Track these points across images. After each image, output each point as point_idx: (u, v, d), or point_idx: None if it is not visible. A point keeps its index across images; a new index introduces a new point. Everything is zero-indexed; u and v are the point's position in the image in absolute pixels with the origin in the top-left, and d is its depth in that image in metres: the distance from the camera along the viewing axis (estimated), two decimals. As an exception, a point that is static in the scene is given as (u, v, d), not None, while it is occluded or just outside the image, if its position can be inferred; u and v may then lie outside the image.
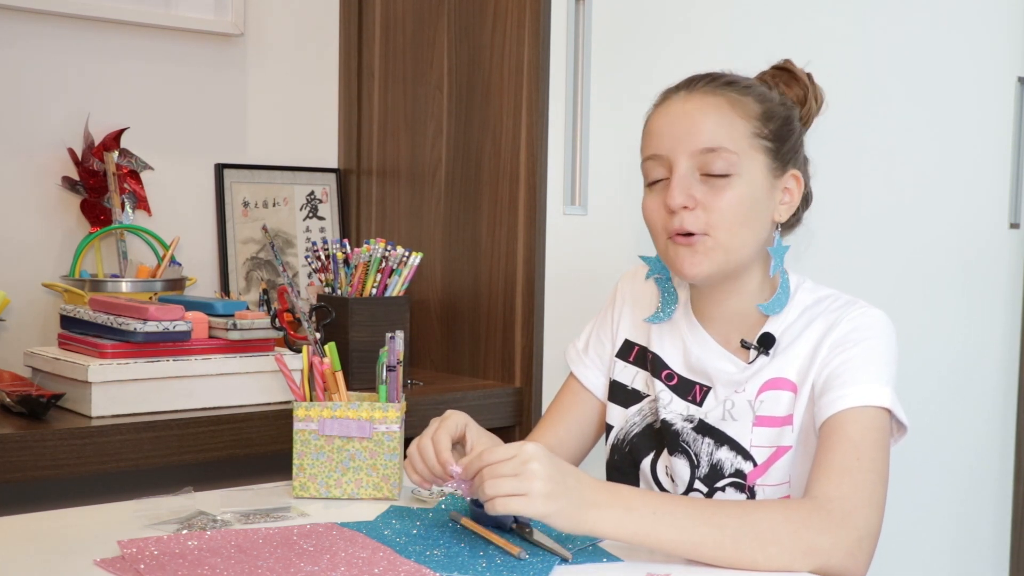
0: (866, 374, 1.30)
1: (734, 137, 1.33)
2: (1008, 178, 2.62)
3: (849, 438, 1.26)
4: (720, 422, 1.39)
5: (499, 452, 1.16)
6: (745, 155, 1.33)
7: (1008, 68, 2.59)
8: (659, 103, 1.40)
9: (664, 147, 1.35)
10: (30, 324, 1.91)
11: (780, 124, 1.37)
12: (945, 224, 2.50)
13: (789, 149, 1.38)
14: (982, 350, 2.61)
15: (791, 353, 1.37)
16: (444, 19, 2.05)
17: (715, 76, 1.39)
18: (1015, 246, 2.66)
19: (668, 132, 1.35)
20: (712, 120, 1.34)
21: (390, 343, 1.44)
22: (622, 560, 1.20)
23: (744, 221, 1.34)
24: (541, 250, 1.89)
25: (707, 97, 1.35)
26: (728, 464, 1.37)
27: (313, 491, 1.42)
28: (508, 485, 1.14)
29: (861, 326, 1.34)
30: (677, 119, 1.35)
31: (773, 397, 1.36)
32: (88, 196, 1.94)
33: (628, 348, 1.51)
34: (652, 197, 1.38)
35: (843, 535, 1.19)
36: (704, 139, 1.33)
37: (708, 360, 1.42)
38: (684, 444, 1.40)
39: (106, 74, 2.00)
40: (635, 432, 1.47)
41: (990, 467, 2.66)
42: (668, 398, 1.43)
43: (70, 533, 1.25)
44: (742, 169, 1.33)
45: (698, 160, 1.33)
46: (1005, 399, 2.68)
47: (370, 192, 2.25)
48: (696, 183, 1.33)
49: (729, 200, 1.32)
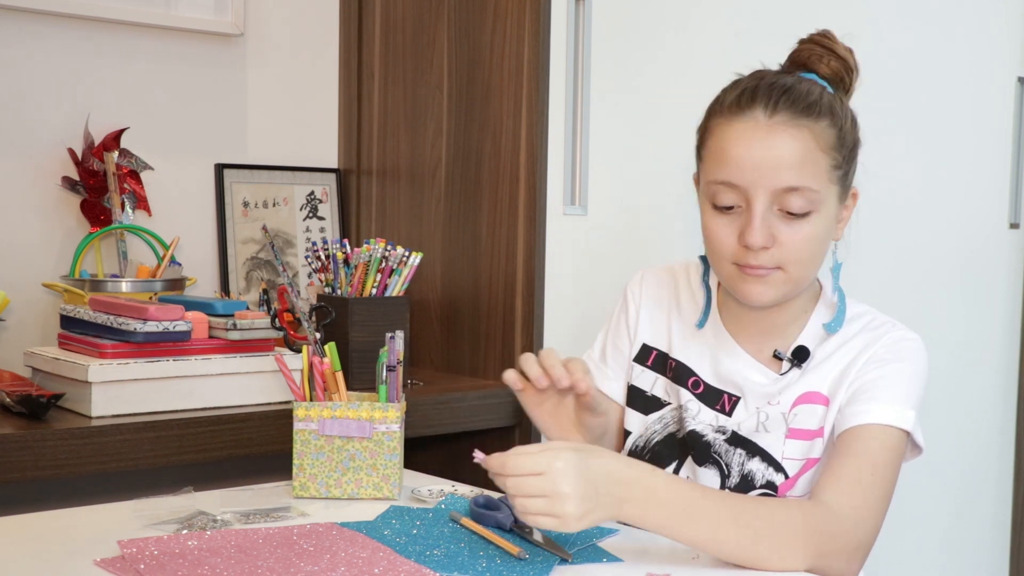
0: (894, 394, 1.31)
1: (817, 175, 1.29)
2: (1008, 178, 2.62)
3: (868, 452, 1.27)
4: (753, 433, 1.38)
5: (526, 463, 1.12)
6: (824, 190, 1.30)
7: (1008, 68, 2.60)
8: (733, 114, 1.32)
9: (743, 179, 1.29)
10: (30, 324, 1.91)
11: (851, 146, 1.34)
12: (945, 224, 2.50)
13: (854, 168, 1.35)
14: (982, 350, 2.61)
15: (825, 367, 1.36)
16: (444, 19, 2.05)
17: (793, 96, 1.31)
18: (1015, 246, 2.66)
19: (749, 164, 1.29)
20: (797, 159, 1.28)
21: (390, 343, 1.44)
22: (622, 560, 1.20)
23: (816, 254, 1.32)
24: (541, 250, 1.89)
25: (790, 130, 1.28)
26: (759, 475, 1.36)
27: (313, 491, 1.42)
28: (539, 504, 1.11)
29: (899, 348, 1.35)
30: (759, 151, 1.28)
31: (807, 411, 1.36)
32: (88, 196, 1.94)
33: (646, 353, 1.49)
34: (721, 223, 1.32)
35: (847, 543, 1.21)
36: (788, 179, 1.28)
37: (739, 370, 1.40)
38: (715, 455, 1.39)
39: (106, 74, 2.00)
40: (656, 440, 1.45)
41: (990, 467, 2.66)
42: (696, 408, 1.41)
43: (70, 533, 1.25)
44: (820, 205, 1.30)
45: (778, 198, 1.29)
46: (1005, 399, 2.68)
47: (370, 192, 2.25)
48: (775, 220, 1.29)
49: (806, 236, 1.30)
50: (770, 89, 1.32)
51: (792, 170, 1.28)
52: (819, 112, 1.31)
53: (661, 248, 2.04)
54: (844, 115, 1.34)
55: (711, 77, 2.10)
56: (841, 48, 1.40)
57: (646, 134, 2.02)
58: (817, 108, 1.31)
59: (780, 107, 1.30)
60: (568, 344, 1.93)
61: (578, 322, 1.95)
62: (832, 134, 1.31)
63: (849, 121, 1.35)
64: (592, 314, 1.96)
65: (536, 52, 1.86)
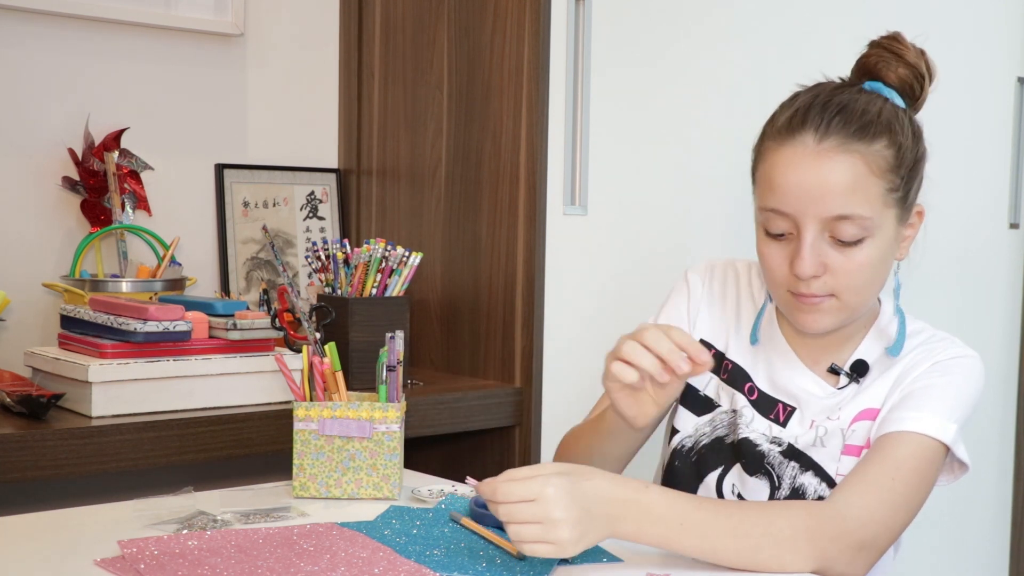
0: (937, 405, 1.28)
1: (869, 201, 1.25)
2: (1008, 178, 2.62)
3: (893, 458, 1.25)
4: (810, 448, 1.35)
5: (517, 491, 1.10)
6: (879, 215, 1.26)
7: (1008, 68, 2.60)
8: (783, 138, 1.28)
9: (791, 207, 1.26)
10: (30, 324, 1.91)
11: (911, 167, 1.29)
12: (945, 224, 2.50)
13: (915, 188, 1.31)
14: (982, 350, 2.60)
15: (882, 383, 1.34)
16: (444, 19, 2.05)
17: (847, 115, 1.27)
18: (1015, 246, 2.66)
19: (796, 192, 1.26)
20: (847, 186, 1.24)
21: (390, 343, 1.44)
22: (622, 560, 1.20)
23: (873, 280, 1.30)
24: (541, 250, 1.89)
25: (840, 156, 1.24)
26: (811, 490, 1.34)
27: (313, 491, 1.42)
28: (533, 532, 1.09)
29: (953, 362, 1.32)
30: (807, 178, 1.25)
31: (864, 427, 1.33)
32: (88, 196, 1.94)
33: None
34: (774, 249, 1.30)
35: (848, 541, 1.19)
36: (837, 206, 1.24)
37: (795, 379, 1.38)
38: (768, 466, 1.37)
39: (106, 74, 2.00)
40: (704, 443, 1.42)
41: (990, 467, 2.66)
42: (750, 415, 1.39)
43: (70, 533, 1.25)
44: (875, 231, 1.27)
45: (828, 225, 1.26)
46: (1005, 399, 2.68)
47: (370, 192, 2.25)
48: (826, 248, 1.27)
49: (860, 264, 1.27)
50: (823, 109, 1.28)
51: (842, 198, 1.24)
52: (874, 133, 1.26)
53: (661, 248, 2.04)
54: (904, 131, 1.29)
55: (711, 77, 2.11)
56: (911, 53, 1.35)
57: (646, 134, 2.02)
58: (872, 128, 1.27)
59: (831, 130, 1.26)
60: (568, 343, 1.94)
61: (578, 322, 1.95)
62: (889, 155, 1.27)
63: (910, 137, 1.30)
64: (592, 314, 1.97)
65: (536, 52, 1.86)
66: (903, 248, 1.34)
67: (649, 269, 2.02)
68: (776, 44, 2.17)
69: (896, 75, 1.34)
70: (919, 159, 1.32)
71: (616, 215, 1.99)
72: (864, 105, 1.29)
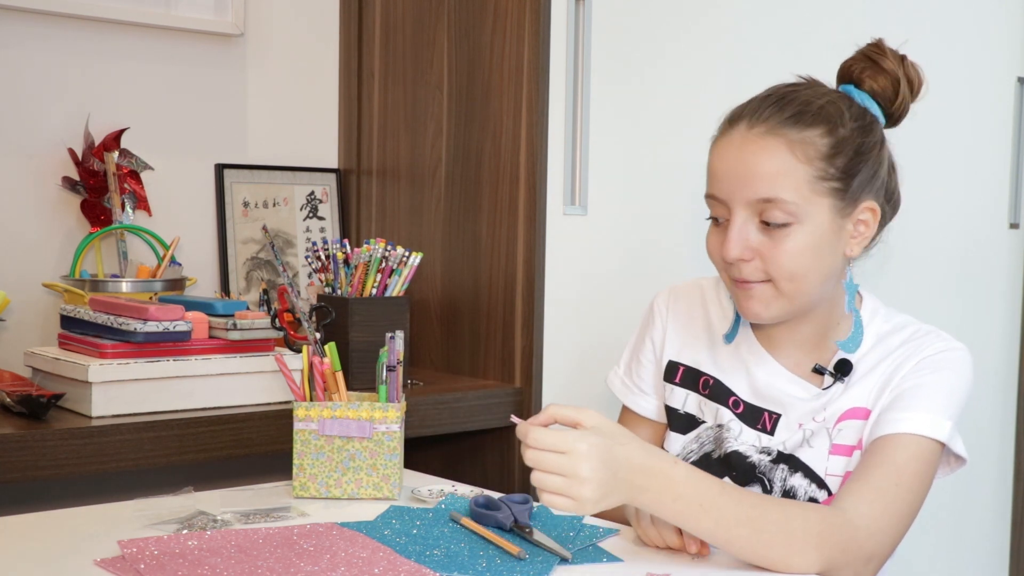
0: (930, 403, 1.29)
1: (794, 185, 1.27)
2: (1008, 178, 2.62)
3: (894, 462, 1.25)
4: (797, 449, 1.36)
5: (551, 439, 1.11)
6: (807, 201, 1.27)
7: (1008, 68, 2.60)
8: (723, 131, 1.34)
9: (723, 191, 1.30)
10: (30, 324, 1.91)
11: (851, 157, 1.30)
12: (945, 224, 2.50)
13: (860, 183, 1.31)
14: (982, 351, 2.61)
15: (869, 381, 1.35)
16: (444, 19, 2.05)
17: (782, 101, 1.30)
18: (1015, 246, 2.66)
19: (725, 176, 1.30)
20: (769, 168, 1.27)
21: (390, 343, 1.44)
22: (622, 560, 1.20)
23: (807, 270, 1.29)
24: (541, 250, 1.89)
25: (766, 139, 1.28)
26: (802, 491, 1.35)
27: (313, 491, 1.42)
28: (556, 483, 1.10)
29: (941, 357, 1.33)
30: (734, 162, 1.29)
31: (852, 426, 1.34)
32: (88, 196, 1.94)
33: (673, 369, 1.47)
34: (714, 234, 1.34)
35: (858, 554, 1.20)
36: (759, 189, 1.27)
37: (778, 385, 1.38)
38: (760, 475, 1.37)
39: (106, 74, 2.00)
40: (692, 460, 1.43)
41: (990, 467, 2.66)
42: (738, 429, 1.40)
43: (70, 533, 1.25)
44: (803, 217, 1.27)
45: (756, 208, 1.28)
46: (1005, 399, 2.68)
47: (370, 192, 2.25)
48: (754, 231, 1.29)
49: (788, 250, 1.28)
50: (763, 101, 1.32)
51: (766, 181, 1.27)
52: (809, 121, 1.28)
53: (661, 248, 2.04)
54: (846, 124, 1.30)
55: (711, 77, 2.11)
56: (889, 61, 1.36)
57: (646, 134, 2.02)
58: (807, 117, 1.29)
59: (764, 117, 1.29)
60: (568, 344, 1.94)
61: (578, 322, 1.95)
62: (822, 144, 1.28)
63: (855, 131, 1.30)
64: (592, 314, 1.97)
65: (536, 52, 1.86)
66: (854, 245, 1.34)
67: (649, 269, 2.02)
68: (776, 44, 2.17)
69: (872, 80, 1.36)
70: (865, 154, 1.31)
71: (616, 215, 1.99)
72: (807, 97, 1.31)
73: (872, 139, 1.33)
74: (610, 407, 1.63)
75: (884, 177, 1.36)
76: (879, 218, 1.35)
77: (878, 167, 1.34)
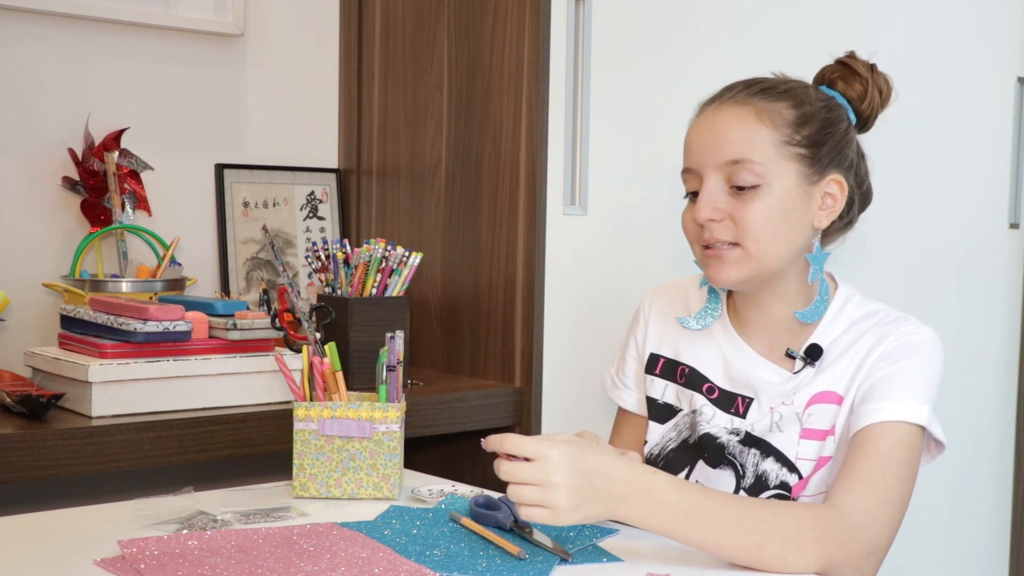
0: (906, 389, 1.30)
1: (759, 147, 1.32)
2: (1008, 178, 2.62)
3: (879, 452, 1.26)
4: (767, 433, 1.38)
5: (523, 446, 1.13)
6: (773, 164, 1.32)
7: (1008, 68, 2.60)
8: (696, 114, 1.40)
9: (695, 160, 1.36)
10: (30, 324, 1.91)
11: (817, 128, 1.35)
12: (944, 224, 2.50)
13: (827, 153, 1.36)
14: (981, 350, 2.61)
15: (839, 366, 1.36)
16: (444, 19, 2.05)
17: (752, 83, 1.38)
18: (1015, 246, 2.66)
19: (697, 146, 1.36)
20: (736, 132, 1.33)
21: (390, 343, 1.44)
22: (622, 560, 1.20)
23: (775, 231, 1.33)
24: (541, 250, 1.89)
25: (734, 107, 1.35)
26: (773, 476, 1.36)
27: (313, 491, 1.42)
28: (531, 494, 1.12)
29: (911, 342, 1.35)
30: (705, 132, 1.36)
31: (822, 410, 1.36)
32: (88, 196, 1.94)
33: (653, 362, 1.50)
34: (688, 209, 1.39)
35: (857, 548, 1.20)
36: (728, 151, 1.33)
37: (750, 370, 1.41)
38: (730, 456, 1.39)
39: (106, 74, 2.00)
40: (671, 448, 1.45)
41: (989, 467, 2.66)
42: (711, 413, 1.42)
43: (70, 533, 1.25)
44: (771, 179, 1.32)
45: (725, 172, 1.33)
46: (1005, 399, 2.68)
47: (370, 192, 2.25)
48: (724, 195, 1.34)
49: (757, 211, 1.32)
50: (735, 83, 1.39)
51: (733, 144, 1.33)
52: (776, 95, 1.35)
53: (661, 248, 2.04)
54: (812, 104, 1.36)
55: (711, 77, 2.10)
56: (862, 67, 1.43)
57: (646, 134, 2.02)
58: (774, 92, 1.36)
59: (731, 92, 1.37)
60: (568, 344, 1.94)
61: (578, 322, 1.95)
62: (788, 114, 1.34)
63: (820, 110, 1.36)
64: (592, 314, 1.97)
65: (536, 52, 1.86)
66: (822, 216, 1.37)
67: (649, 269, 2.02)
68: (776, 43, 2.17)
69: (845, 83, 1.42)
70: (830, 127, 1.36)
71: (616, 215, 1.99)
72: (776, 80, 1.39)
73: (837, 118, 1.39)
74: (610, 407, 1.63)
75: (853, 159, 1.40)
76: (847, 194, 1.38)
77: (845, 146, 1.39)
